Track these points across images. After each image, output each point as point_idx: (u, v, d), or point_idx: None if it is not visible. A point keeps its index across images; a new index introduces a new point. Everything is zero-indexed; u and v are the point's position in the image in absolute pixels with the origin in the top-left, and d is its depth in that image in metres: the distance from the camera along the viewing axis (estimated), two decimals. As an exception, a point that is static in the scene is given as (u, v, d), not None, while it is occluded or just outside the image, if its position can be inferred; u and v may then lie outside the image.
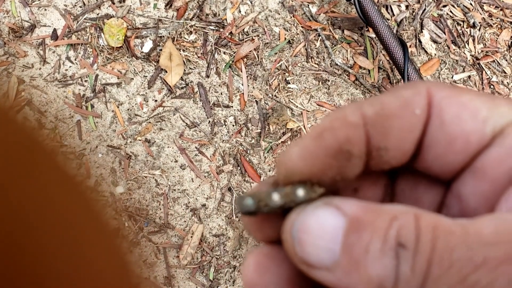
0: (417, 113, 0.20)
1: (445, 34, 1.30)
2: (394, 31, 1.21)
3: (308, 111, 1.22)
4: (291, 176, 0.20)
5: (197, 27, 1.26)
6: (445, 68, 1.28)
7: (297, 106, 1.22)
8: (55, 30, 1.24)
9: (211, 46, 1.25)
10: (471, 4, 1.32)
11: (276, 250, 0.21)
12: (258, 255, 0.21)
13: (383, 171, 0.22)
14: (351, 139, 0.20)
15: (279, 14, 1.28)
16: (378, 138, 0.20)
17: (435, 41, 1.29)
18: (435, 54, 1.28)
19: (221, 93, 1.22)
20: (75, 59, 1.23)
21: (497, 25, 1.32)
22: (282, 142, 1.20)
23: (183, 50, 1.24)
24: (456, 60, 1.28)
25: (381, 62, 1.26)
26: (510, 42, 1.31)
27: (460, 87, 0.21)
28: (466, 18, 1.31)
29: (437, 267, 0.17)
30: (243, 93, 1.22)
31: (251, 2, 1.28)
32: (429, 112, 0.20)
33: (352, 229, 0.18)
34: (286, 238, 0.20)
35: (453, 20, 1.31)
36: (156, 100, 1.21)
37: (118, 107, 1.20)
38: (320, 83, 1.24)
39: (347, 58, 1.26)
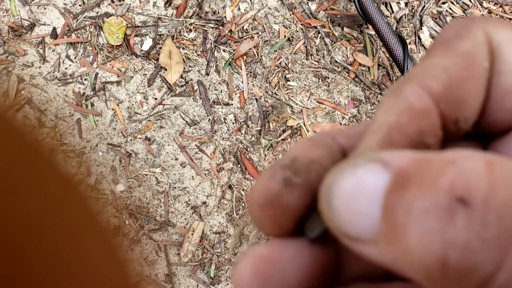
0: (485, 66, 0.17)
1: (444, 30, 1.30)
2: (394, 28, 1.21)
3: (308, 109, 1.22)
4: None
5: (196, 25, 1.26)
6: (445, 65, 1.28)
7: (297, 104, 1.22)
8: (54, 28, 1.24)
9: (211, 44, 1.25)
10: (470, 1, 1.32)
11: (282, 248, 0.17)
12: (257, 259, 0.17)
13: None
14: (425, 131, 0.16)
15: (279, 11, 1.28)
16: (455, 111, 0.17)
17: (434, 38, 1.29)
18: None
19: (221, 91, 1.22)
20: (75, 58, 1.23)
21: (496, 22, 1.32)
22: (282, 139, 1.20)
23: (183, 48, 1.24)
24: (456, 57, 1.29)
25: (380, 59, 1.26)
26: (509, 39, 1.31)
27: None
28: (466, 15, 1.31)
29: None
30: (243, 90, 1.22)
31: (250, 0, 1.28)
32: (492, 60, 0.17)
33: (396, 186, 0.14)
34: (322, 207, 0.16)
35: (453, 17, 1.31)
36: (156, 98, 1.21)
37: (118, 105, 1.20)
38: (320, 80, 1.24)
39: (346, 55, 1.26)
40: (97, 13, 1.26)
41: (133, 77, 1.22)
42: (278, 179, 0.17)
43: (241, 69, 1.24)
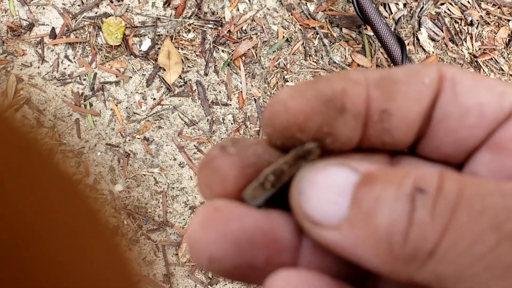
0: (426, 81, 0.18)
1: (442, 32, 1.30)
2: (392, 29, 1.22)
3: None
4: (277, 118, 0.18)
5: (195, 25, 1.26)
6: (443, 66, 1.28)
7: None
8: (53, 28, 1.24)
9: (210, 44, 1.25)
10: (468, 2, 1.33)
11: (231, 207, 0.18)
12: (208, 209, 0.18)
13: (384, 148, 0.20)
14: (347, 92, 0.18)
15: (277, 12, 1.28)
16: (381, 100, 0.18)
17: (433, 39, 1.30)
18: (433, 52, 1.29)
19: (220, 91, 1.23)
20: (74, 58, 1.23)
21: (494, 23, 1.32)
22: (280, 140, 1.20)
23: (182, 49, 1.24)
24: (454, 58, 1.29)
25: (379, 60, 1.26)
26: (507, 40, 1.31)
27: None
28: (464, 16, 1.31)
29: (464, 213, 0.15)
30: (241, 91, 1.23)
31: (249, 1, 1.28)
32: (440, 84, 0.19)
33: (364, 182, 0.16)
34: (292, 194, 0.18)
35: (451, 18, 1.32)
36: (154, 99, 1.21)
37: (116, 105, 1.20)
38: (318, 81, 1.24)
39: (345, 56, 1.27)
40: (96, 13, 1.26)
41: (131, 77, 1.22)
42: (217, 146, 0.19)
43: (239, 69, 1.24)
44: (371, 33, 1.26)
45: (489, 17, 1.32)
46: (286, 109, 0.18)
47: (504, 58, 1.30)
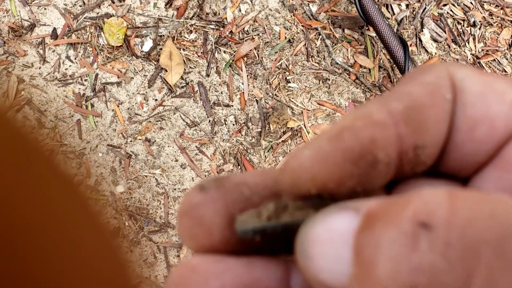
0: (448, 98, 0.17)
1: (445, 33, 1.29)
2: (395, 30, 1.21)
3: (309, 110, 1.22)
4: (299, 185, 0.16)
5: (197, 26, 1.26)
6: (446, 67, 1.27)
7: (297, 105, 1.22)
8: (55, 29, 1.24)
9: (211, 45, 1.25)
10: (471, 3, 1.32)
11: (209, 264, 0.17)
12: (184, 269, 0.17)
13: (415, 174, 0.18)
14: (377, 141, 0.16)
15: (280, 13, 1.28)
16: (413, 135, 0.16)
17: (435, 40, 1.29)
18: (436, 53, 1.28)
19: (221, 92, 1.22)
20: (75, 58, 1.23)
21: (497, 24, 1.31)
22: (282, 141, 1.19)
23: (183, 49, 1.24)
24: (457, 59, 1.28)
25: (381, 61, 1.26)
26: (510, 41, 1.31)
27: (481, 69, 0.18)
28: (467, 17, 1.31)
29: (490, 250, 0.12)
30: (243, 92, 1.22)
31: (251, 1, 1.28)
32: (455, 95, 0.17)
33: (364, 226, 0.14)
34: (297, 258, 0.16)
35: (454, 19, 1.31)
36: (156, 99, 1.21)
37: (118, 106, 1.20)
38: (321, 82, 1.24)
39: (347, 57, 1.26)
40: (98, 13, 1.25)
41: (133, 78, 1.22)
42: (196, 189, 0.17)
43: (241, 70, 1.23)
44: (374, 34, 1.26)
45: (492, 18, 1.32)
46: (312, 178, 0.16)
47: (507, 59, 1.29)
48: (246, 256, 0.17)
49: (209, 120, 1.20)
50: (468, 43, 1.29)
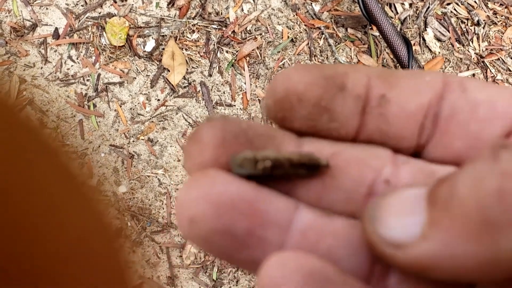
0: (427, 79, 0.19)
1: (449, 32, 1.29)
2: (398, 29, 1.21)
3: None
4: (278, 87, 0.18)
5: (199, 26, 1.25)
6: (449, 66, 1.27)
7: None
8: (56, 29, 1.23)
9: (214, 45, 1.24)
10: (475, 1, 1.31)
11: (219, 173, 0.18)
12: (197, 174, 0.18)
13: (384, 142, 0.19)
14: (349, 74, 0.18)
15: (282, 12, 1.28)
16: (380, 88, 0.18)
17: (439, 39, 1.28)
18: (439, 52, 1.28)
19: (224, 92, 1.22)
20: (77, 58, 1.22)
21: (501, 23, 1.31)
22: (285, 141, 1.19)
23: (186, 49, 1.24)
24: (461, 58, 1.28)
25: (385, 60, 1.25)
26: (514, 40, 1.30)
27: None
28: (470, 16, 1.30)
29: None
30: (245, 92, 1.22)
31: (253, 1, 1.28)
32: (444, 86, 0.19)
33: (438, 184, 0.15)
34: (365, 225, 0.17)
35: (457, 18, 1.30)
36: (158, 99, 1.21)
37: (120, 106, 1.20)
38: (324, 81, 1.24)
39: (350, 56, 1.26)
40: (100, 13, 1.25)
41: (135, 78, 1.22)
42: (205, 120, 0.19)
43: (244, 70, 1.23)
44: (377, 33, 1.25)
45: (496, 17, 1.31)
46: (288, 79, 0.18)
47: (511, 58, 1.28)
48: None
49: (212, 120, 1.20)
50: (472, 42, 1.29)
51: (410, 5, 1.30)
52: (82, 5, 1.25)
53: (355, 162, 0.18)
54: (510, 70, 1.27)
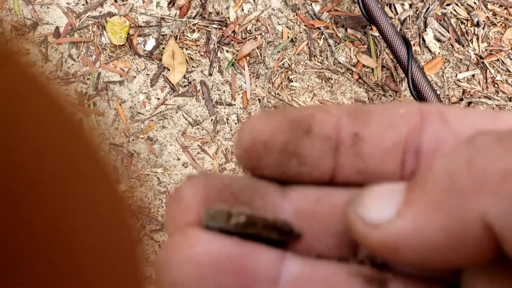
0: (401, 111, 0.18)
1: (449, 32, 1.29)
2: (398, 30, 1.21)
3: (311, 110, 1.21)
4: (244, 137, 0.18)
5: (200, 25, 1.26)
6: (449, 67, 1.27)
7: (300, 104, 1.21)
8: (57, 28, 1.24)
9: (214, 44, 1.25)
10: (475, 2, 1.32)
11: (199, 232, 0.17)
12: (176, 234, 0.17)
13: (362, 181, 0.19)
14: (315, 116, 0.18)
15: (282, 12, 1.28)
16: (352, 126, 0.18)
17: (438, 40, 1.29)
18: (439, 53, 1.28)
19: (224, 91, 1.22)
20: (78, 57, 1.23)
21: (501, 24, 1.31)
22: (285, 140, 1.19)
23: (186, 49, 1.24)
24: (460, 59, 1.28)
25: (384, 60, 1.26)
26: (514, 41, 1.30)
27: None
28: (470, 17, 1.30)
29: None
30: (245, 91, 1.22)
31: (254, 1, 1.28)
32: (421, 118, 0.18)
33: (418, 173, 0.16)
34: (346, 208, 0.17)
35: (457, 18, 1.31)
36: (158, 98, 1.21)
37: (120, 105, 1.20)
38: (323, 81, 1.24)
39: (350, 56, 1.26)
40: (100, 12, 1.25)
41: (136, 77, 1.22)
42: (185, 178, 0.19)
43: (244, 69, 1.23)
44: (377, 34, 1.25)
45: (496, 18, 1.31)
46: (253, 128, 0.18)
47: (511, 59, 1.29)
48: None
49: (212, 119, 1.20)
50: (472, 43, 1.29)
51: (410, 5, 1.31)
52: (83, 4, 1.26)
53: (341, 207, 0.18)
54: (509, 71, 1.28)
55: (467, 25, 1.30)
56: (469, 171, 0.14)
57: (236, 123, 1.20)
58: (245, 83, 1.23)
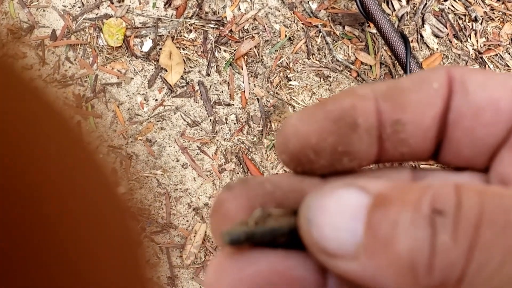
0: (435, 86, 0.18)
1: (446, 28, 1.29)
2: (396, 26, 1.20)
3: (310, 108, 1.21)
4: (289, 143, 0.18)
5: (196, 25, 1.25)
6: (448, 63, 1.27)
7: (298, 103, 1.21)
8: (54, 30, 1.23)
9: (211, 44, 1.24)
10: (472, -2, 1.31)
11: (245, 251, 0.18)
12: (221, 257, 0.18)
13: (405, 160, 0.19)
14: (357, 107, 0.18)
15: (279, 11, 1.27)
16: (392, 112, 0.18)
17: (437, 36, 1.28)
18: (437, 49, 1.27)
19: (222, 91, 1.22)
20: (75, 60, 1.22)
21: (499, 19, 1.31)
22: (284, 139, 1.19)
23: (183, 49, 1.23)
24: (459, 55, 1.27)
25: (382, 57, 1.25)
26: (512, 36, 1.30)
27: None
28: (468, 12, 1.30)
29: (487, 231, 0.14)
30: (244, 91, 1.22)
31: (250, 0, 1.28)
32: (450, 87, 0.18)
33: (377, 205, 0.15)
34: (301, 224, 0.17)
35: (455, 14, 1.30)
36: (156, 99, 1.20)
37: (118, 107, 1.19)
38: (322, 79, 1.23)
39: (348, 54, 1.25)
40: (97, 14, 1.25)
41: (133, 78, 1.21)
42: (224, 188, 0.19)
43: (242, 69, 1.23)
44: (374, 31, 1.25)
45: (494, 13, 1.31)
46: (297, 133, 0.18)
47: (509, 54, 1.28)
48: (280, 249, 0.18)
49: (210, 120, 1.20)
50: (470, 38, 1.29)
51: (407, 1, 1.30)
52: (79, 7, 1.25)
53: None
54: (508, 66, 1.27)
55: (465, 21, 1.30)
56: (430, 275, 0.14)
57: (235, 123, 1.19)
58: (243, 82, 1.22)
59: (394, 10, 1.30)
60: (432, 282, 0.14)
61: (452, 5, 1.31)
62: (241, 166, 1.17)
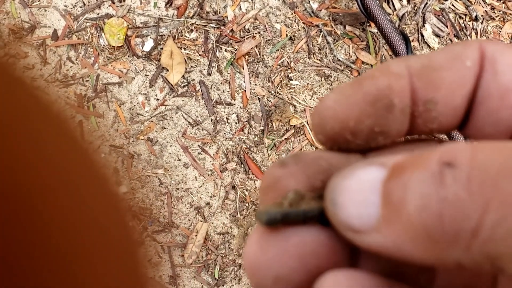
0: (468, 65, 0.18)
1: (447, 28, 1.29)
2: (396, 26, 1.21)
3: (311, 107, 1.21)
4: (325, 124, 0.18)
5: (197, 25, 1.25)
6: (448, 62, 1.27)
7: (300, 103, 1.21)
8: (55, 30, 1.23)
9: (212, 44, 1.24)
10: (473, -3, 1.32)
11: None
12: (263, 229, 0.18)
13: (431, 133, 0.20)
14: (393, 87, 0.18)
15: (280, 10, 1.28)
16: (426, 90, 0.18)
17: (437, 35, 1.28)
18: (438, 48, 1.28)
19: (223, 91, 1.22)
20: (76, 59, 1.22)
21: (499, 18, 1.31)
22: (285, 139, 1.19)
23: (184, 49, 1.24)
24: (459, 54, 1.28)
25: (383, 57, 1.25)
26: (513, 35, 1.30)
27: None
28: (468, 12, 1.30)
29: (508, 182, 0.13)
30: (245, 90, 1.22)
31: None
32: (481, 64, 0.18)
33: (392, 175, 0.15)
34: (327, 206, 0.17)
35: (455, 13, 1.30)
36: (158, 99, 1.21)
37: (120, 106, 1.20)
38: (323, 79, 1.24)
39: (349, 53, 1.26)
40: (98, 14, 1.25)
41: (134, 78, 1.22)
42: (277, 165, 0.19)
43: (243, 68, 1.23)
44: (375, 30, 1.25)
45: (494, 12, 1.31)
46: (335, 116, 0.18)
47: (510, 53, 1.28)
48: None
49: (211, 119, 1.20)
50: (471, 37, 1.29)
51: (408, 1, 1.30)
52: (80, 7, 1.25)
53: None
54: (509, 65, 1.28)
55: (465, 20, 1.30)
56: (442, 227, 0.14)
57: (236, 123, 1.20)
58: (244, 82, 1.22)
59: (395, 9, 1.30)
60: (444, 236, 0.14)
61: (452, 5, 1.31)
62: (242, 165, 1.17)
